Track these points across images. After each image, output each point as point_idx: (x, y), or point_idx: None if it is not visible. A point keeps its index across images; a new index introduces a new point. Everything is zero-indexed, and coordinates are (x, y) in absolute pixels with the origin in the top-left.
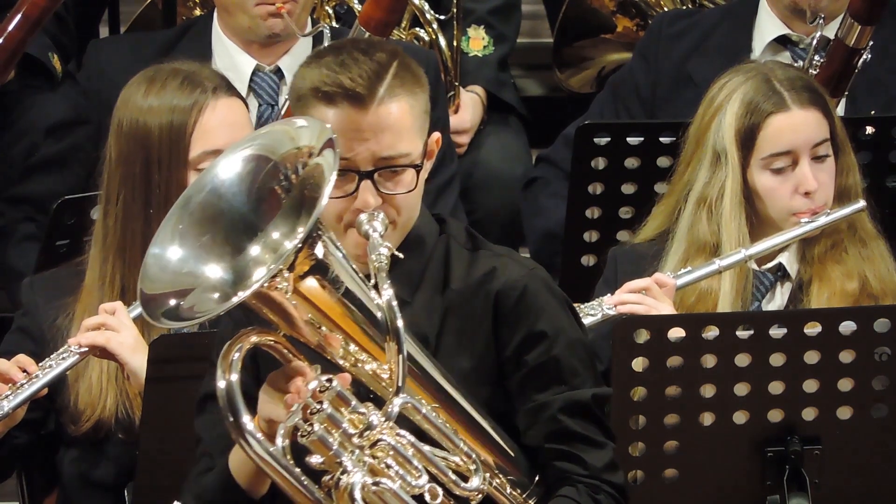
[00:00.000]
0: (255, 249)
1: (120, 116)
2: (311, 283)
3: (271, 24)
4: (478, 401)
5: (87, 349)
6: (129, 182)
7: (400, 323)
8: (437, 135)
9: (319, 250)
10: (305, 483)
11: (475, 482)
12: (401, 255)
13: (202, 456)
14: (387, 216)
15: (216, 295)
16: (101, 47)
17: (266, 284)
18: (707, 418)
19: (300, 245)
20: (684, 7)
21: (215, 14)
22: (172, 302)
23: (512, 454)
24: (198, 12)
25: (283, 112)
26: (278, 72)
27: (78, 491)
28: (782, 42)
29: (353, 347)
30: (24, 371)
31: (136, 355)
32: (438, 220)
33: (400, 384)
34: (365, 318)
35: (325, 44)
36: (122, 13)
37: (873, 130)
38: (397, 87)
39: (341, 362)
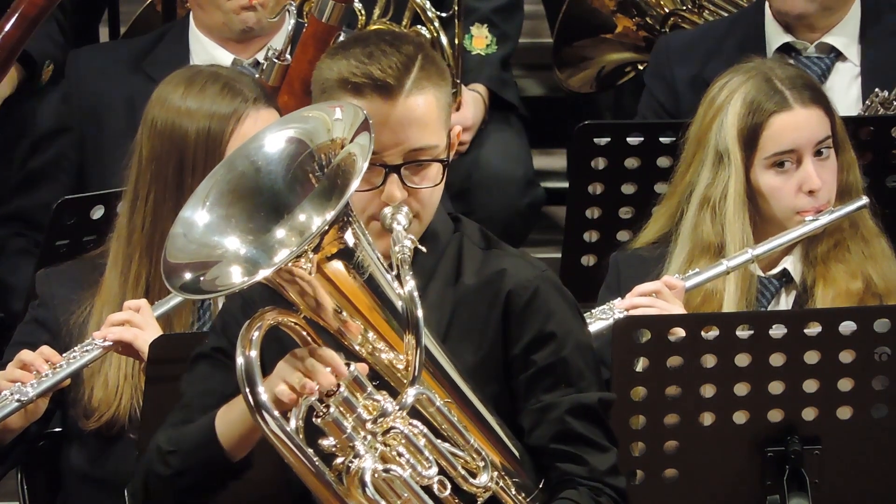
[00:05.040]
0: (280, 232)
1: (154, 115)
2: (336, 266)
3: (244, 17)
4: (487, 399)
5: (111, 344)
6: (160, 182)
7: (420, 314)
8: (457, 128)
9: (349, 236)
10: (318, 464)
11: (483, 479)
12: (423, 249)
13: (182, 408)
14: (410, 210)
15: (239, 269)
16: (80, 56)
17: (290, 263)
18: (707, 418)
19: (327, 227)
20: (684, 7)
21: (191, 14)
22: (188, 276)
23: (518, 456)
24: None
25: None
26: (256, 65)
27: (81, 486)
28: (786, 50)
29: (371, 336)
30: (48, 362)
31: None
32: (454, 218)
33: (416, 375)
34: (386, 306)
35: (291, 21)
36: (122, 13)
37: (873, 130)
38: (424, 79)
39: (359, 349)
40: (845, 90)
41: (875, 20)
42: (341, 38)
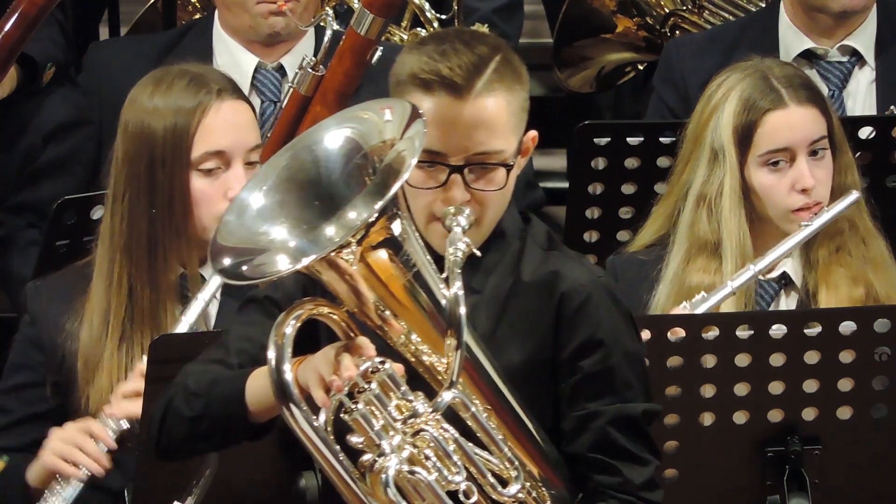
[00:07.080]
0: (330, 228)
1: (126, 117)
2: (380, 255)
3: (272, 22)
4: (528, 405)
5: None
6: (134, 182)
7: (463, 314)
8: (533, 133)
9: (397, 226)
10: (342, 460)
11: (514, 489)
12: (478, 254)
13: (220, 345)
14: (472, 213)
15: (286, 259)
16: (102, 48)
17: (334, 253)
18: (707, 418)
19: (374, 219)
20: (684, 7)
21: (216, 14)
22: (229, 261)
23: (557, 466)
24: (198, 17)
25: (284, 103)
26: (280, 69)
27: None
28: (807, 57)
29: (414, 337)
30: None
31: None
32: (525, 218)
33: (454, 378)
34: (430, 304)
35: (329, 32)
36: (123, 13)
37: (873, 130)
38: (496, 81)
39: (401, 349)
40: (864, 96)
41: (891, 28)
42: (378, 54)
